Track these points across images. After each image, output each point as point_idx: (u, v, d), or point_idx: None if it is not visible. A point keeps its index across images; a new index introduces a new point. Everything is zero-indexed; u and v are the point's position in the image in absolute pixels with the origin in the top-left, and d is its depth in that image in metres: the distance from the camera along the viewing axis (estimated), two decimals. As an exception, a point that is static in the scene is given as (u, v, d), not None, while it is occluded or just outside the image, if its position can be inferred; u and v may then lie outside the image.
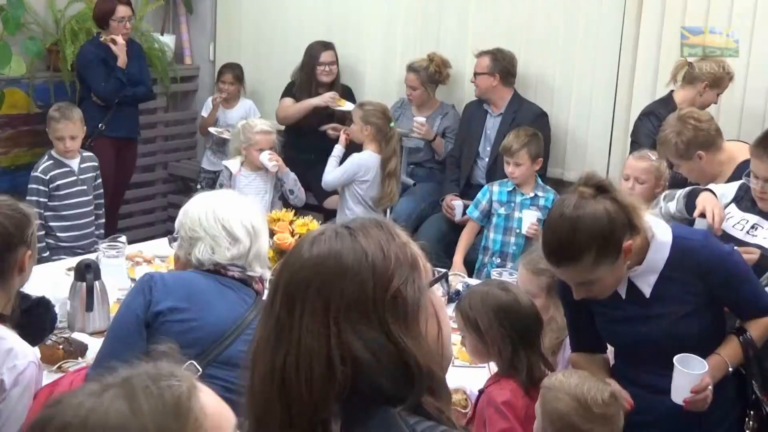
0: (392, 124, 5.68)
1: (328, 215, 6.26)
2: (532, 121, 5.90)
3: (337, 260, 1.43)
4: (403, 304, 1.42)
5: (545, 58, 6.20)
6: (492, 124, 6.07)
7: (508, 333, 2.80)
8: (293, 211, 4.10)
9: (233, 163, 5.61)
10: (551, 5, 6.13)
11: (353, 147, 5.73)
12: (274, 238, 3.77)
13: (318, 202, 6.66)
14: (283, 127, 6.64)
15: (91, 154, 5.60)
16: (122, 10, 6.38)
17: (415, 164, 6.49)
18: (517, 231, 5.18)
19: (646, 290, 2.78)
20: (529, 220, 5.10)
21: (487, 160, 6.02)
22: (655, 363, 2.80)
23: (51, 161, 5.41)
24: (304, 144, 6.53)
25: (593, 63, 6.02)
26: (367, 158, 5.55)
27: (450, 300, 4.17)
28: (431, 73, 6.32)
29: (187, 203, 2.98)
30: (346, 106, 6.57)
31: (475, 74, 6.02)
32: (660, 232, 2.76)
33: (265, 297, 2.80)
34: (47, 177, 5.36)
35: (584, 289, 2.69)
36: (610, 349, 3.05)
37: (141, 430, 1.15)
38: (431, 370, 1.42)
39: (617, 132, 5.96)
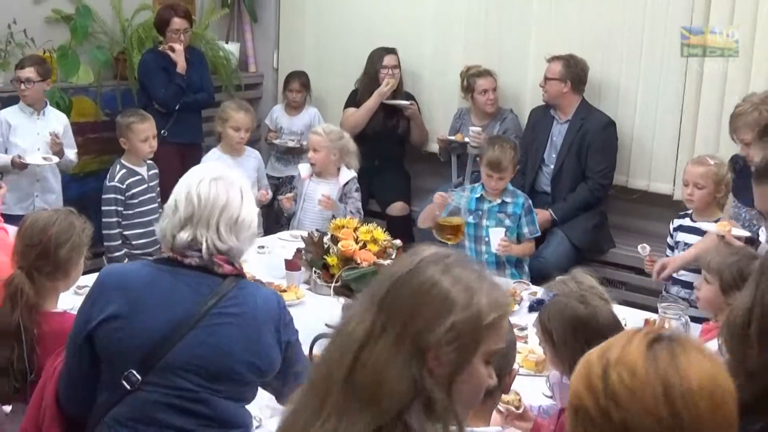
0: None
1: (392, 222, 6.26)
2: (599, 131, 5.85)
3: None
4: None
5: (610, 64, 6.13)
6: (558, 131, 6.01)
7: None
8: (357, 218, 4.11)
9: (304, 167, 5.62)
10: (616, 10, 6.06)
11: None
12: (339, 245, 3.77)
13: (381, 209, 6.66)
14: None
15: (152, 162, 5.66)
16: (178, 23, 6.45)
17: (478, 171, 6.46)
18: (486, 240, 5.12)
19: None
20: (498, 236, 5.00)
21: (552, 167, 5.96)
22: None
23: (124, 170, 5.47)
24: (368, 150, 6.50)
25: (659, 69, 5.93)
26: None
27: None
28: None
29: None
30: (398, 101, 6.57)
31: (546, 79, 5.95)
32: None
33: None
34: (124, 185, 5.43)
35: None
36: None
37: None
38: None
39: (684, 139, 5.87)
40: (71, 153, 5.87)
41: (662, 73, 5.93)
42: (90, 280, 4.22)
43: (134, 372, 2.52)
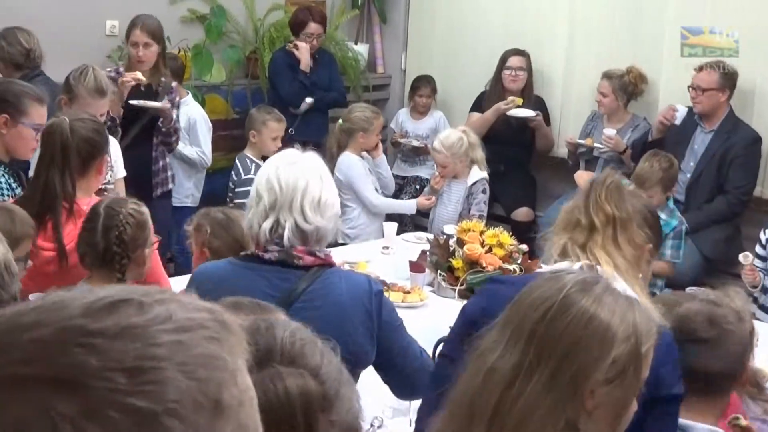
0: (340, 122, 5.76)
1: (516, 226, 6.19)
2: (744, 146, 5.65)
3: None
4: None
5: (749, 72, 5.90)
6: (701, 140, 5.81)
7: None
8: (483, 221, 4.09)
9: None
10: (759, 14, 5.85)
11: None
12: (464, 248, 3.75)
13: (506, 213, 6.60)
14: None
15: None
16: (313, 27, 6.53)
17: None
18: None
19: None
20: None
21: (689, 175, 5.75)
22: None
23: (254, 164, 5.55)
24: (493, 154, 6.43)
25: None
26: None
27: None
28: (625, 83, 6.16)
29: None
30: (522, 111, 6.47)
31: (702, 90, 5.67)
32: None
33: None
34: None
35: None
36: None
37: None
38: None
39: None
40: (193, 150, 5.97)
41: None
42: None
43: None
